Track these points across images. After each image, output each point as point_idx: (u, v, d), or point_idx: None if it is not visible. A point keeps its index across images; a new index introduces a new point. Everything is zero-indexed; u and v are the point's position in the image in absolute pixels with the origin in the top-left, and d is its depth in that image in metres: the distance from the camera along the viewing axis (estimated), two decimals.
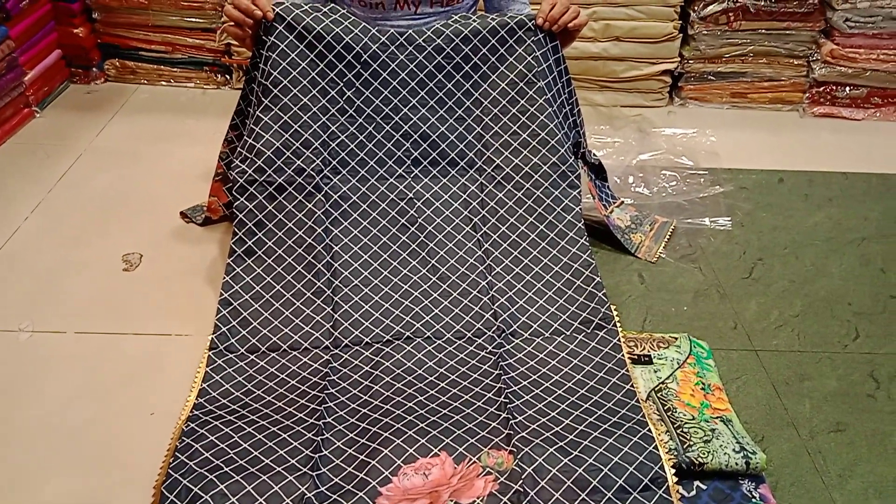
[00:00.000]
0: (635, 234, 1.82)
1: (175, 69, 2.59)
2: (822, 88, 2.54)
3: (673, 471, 1.14)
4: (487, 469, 1.14)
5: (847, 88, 2.53)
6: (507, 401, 1.27)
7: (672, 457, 1.17)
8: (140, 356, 1.45)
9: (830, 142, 2.43)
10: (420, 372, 1.36)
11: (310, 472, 1.12)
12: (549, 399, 1.29)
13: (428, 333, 1.43)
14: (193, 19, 2.50)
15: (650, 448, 1.16)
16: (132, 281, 1.65)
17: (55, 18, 2.46)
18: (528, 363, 1.38)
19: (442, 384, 1.33)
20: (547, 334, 1.44)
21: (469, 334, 1.43)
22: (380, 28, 1.57)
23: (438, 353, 1.39)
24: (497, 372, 1.34)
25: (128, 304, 1.58)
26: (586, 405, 1.28)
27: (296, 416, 1.25)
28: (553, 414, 1.25)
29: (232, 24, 1.51)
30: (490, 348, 1.40)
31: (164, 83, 2.61)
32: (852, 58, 2.45)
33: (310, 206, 1.51)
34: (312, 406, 1.27)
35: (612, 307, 1.49)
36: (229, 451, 1.17)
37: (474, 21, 1.58)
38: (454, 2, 1.65)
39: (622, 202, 1.93)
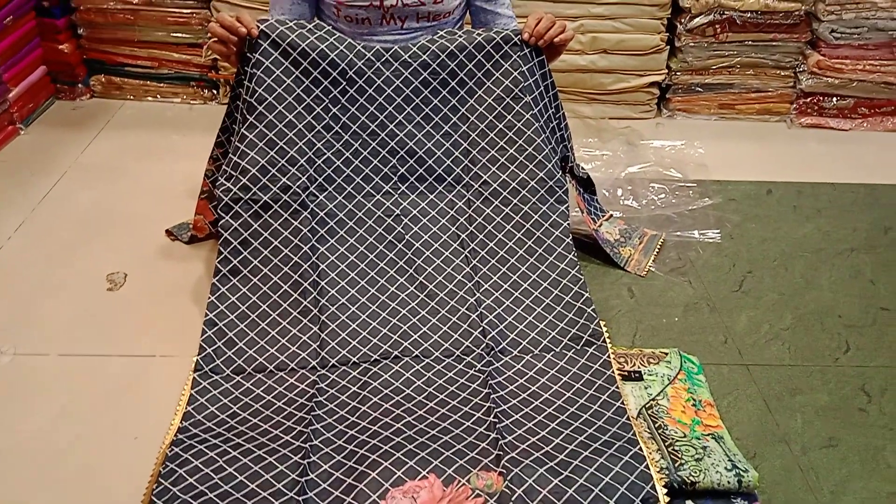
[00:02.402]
0: (624, 247, 1.82)
1: (161, 84, 2.58)
2: (809, 99, 2.55)
3: (665, 490, 1.13)
4: (477, 491, 1.13)
5: (834, 99, 2.54)
6: (496, 420, 1.25)
7: (663, 476, 1.16)
8: (124, 378, 1.43)
9: (818, 152, 2.43)
10: (408, 392, 1.34)
11: (296, 497, 1.10)
12: (539, 418, 1.28)
13: (416, 352, 1.42)
14: (179, 34, 2.49)
15: (641, 467, 1.14)
16: (116, 301, 1.63)
17: (40, 34, 2.44)
18: (517, 381, 1.36)
19: (430, 404, 1.31)
20: (536, 351, 1.43)
21: (457, 352, 1.42)
22: (365, 44, 1.57)
23: (426, 373, 1.38)
24: (486, 391, 1.32)
25: (112, 325, 1.56)
26: (576, 423, 1.26)
27: (282, 438, 1.23)
28: (543, 433, 1.24)
29: (216, 41, 1.50)
30: (479, 367, 1.38)
31: (150, 99, 2.59)
32: (839, 69, 2.46)
33: (296, 223, 1.49)
34: (299, 428, 1.25)
35: (602, 323, 1.48)
36: (214, 476, 1.14)
37: (460, 36, 1.57)
38: (440, 17, 1.65)
39: (611, 215, 1.92)
